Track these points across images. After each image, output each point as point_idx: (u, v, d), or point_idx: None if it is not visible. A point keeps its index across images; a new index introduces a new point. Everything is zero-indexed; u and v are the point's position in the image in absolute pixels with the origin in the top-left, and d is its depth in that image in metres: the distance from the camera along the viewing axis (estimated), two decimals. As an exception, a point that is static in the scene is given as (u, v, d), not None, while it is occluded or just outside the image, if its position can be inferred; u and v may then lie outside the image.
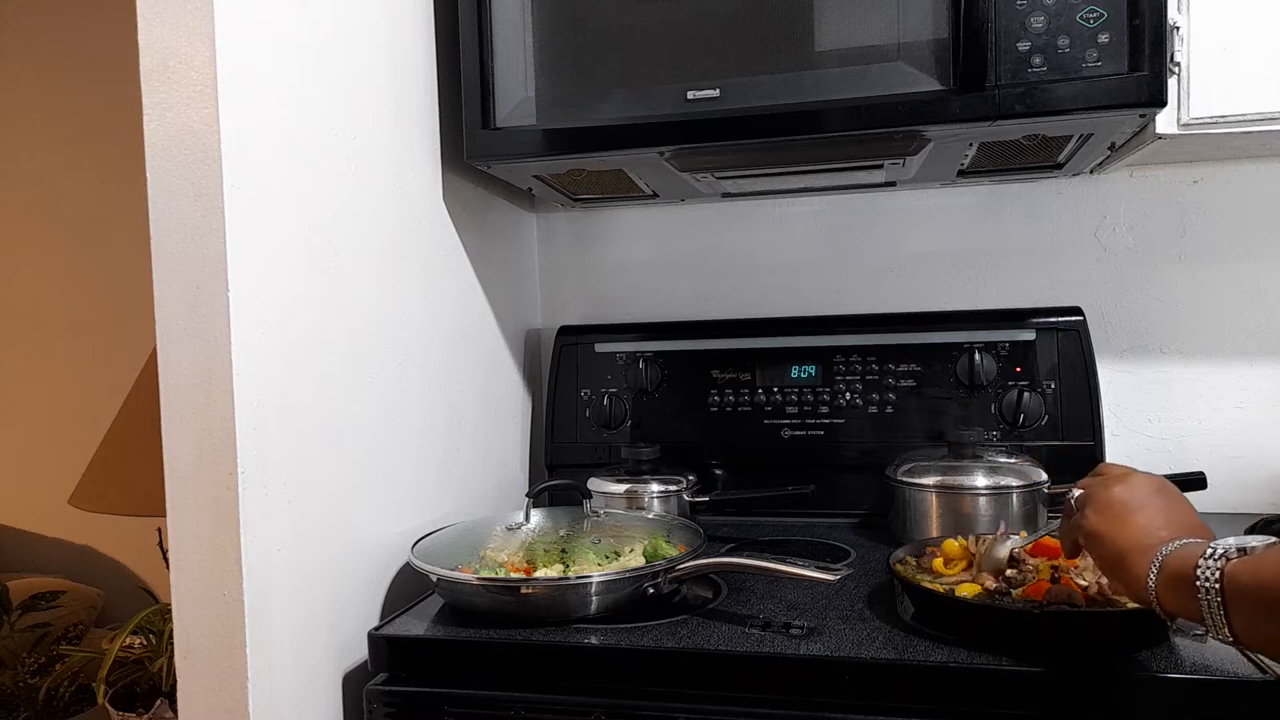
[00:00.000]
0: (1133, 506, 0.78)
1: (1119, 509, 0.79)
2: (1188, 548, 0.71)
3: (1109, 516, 0.79)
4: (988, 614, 0.89)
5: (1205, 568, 0.67)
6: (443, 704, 0.95)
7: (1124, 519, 0.78)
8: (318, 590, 0.99)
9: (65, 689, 1.61)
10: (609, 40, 1.14)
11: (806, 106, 1.09)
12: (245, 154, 0.89)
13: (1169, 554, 0.72)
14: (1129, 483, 0.81)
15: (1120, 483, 0.81)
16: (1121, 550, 0.77)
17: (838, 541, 1.30)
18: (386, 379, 1.13)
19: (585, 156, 1.21)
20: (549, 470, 1.53)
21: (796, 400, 1.45)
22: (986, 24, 1.03)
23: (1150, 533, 0.76)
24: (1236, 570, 0.65)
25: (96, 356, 2.12)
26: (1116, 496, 0.80)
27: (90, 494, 1.54)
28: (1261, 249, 1.40)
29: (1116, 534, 0.78)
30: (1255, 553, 0.66)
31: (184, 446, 0.88)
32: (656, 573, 1.00)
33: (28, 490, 2.18)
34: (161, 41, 0.86)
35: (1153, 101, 1.02)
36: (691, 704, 0.90)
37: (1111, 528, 0.78)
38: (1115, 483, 0.82)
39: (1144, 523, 0.77)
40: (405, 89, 1.19)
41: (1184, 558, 0.70)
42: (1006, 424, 1.36)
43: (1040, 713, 0.82)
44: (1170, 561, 0.72)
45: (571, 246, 1.67)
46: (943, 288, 1.51)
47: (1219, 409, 1.42)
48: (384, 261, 1.14)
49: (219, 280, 0.87)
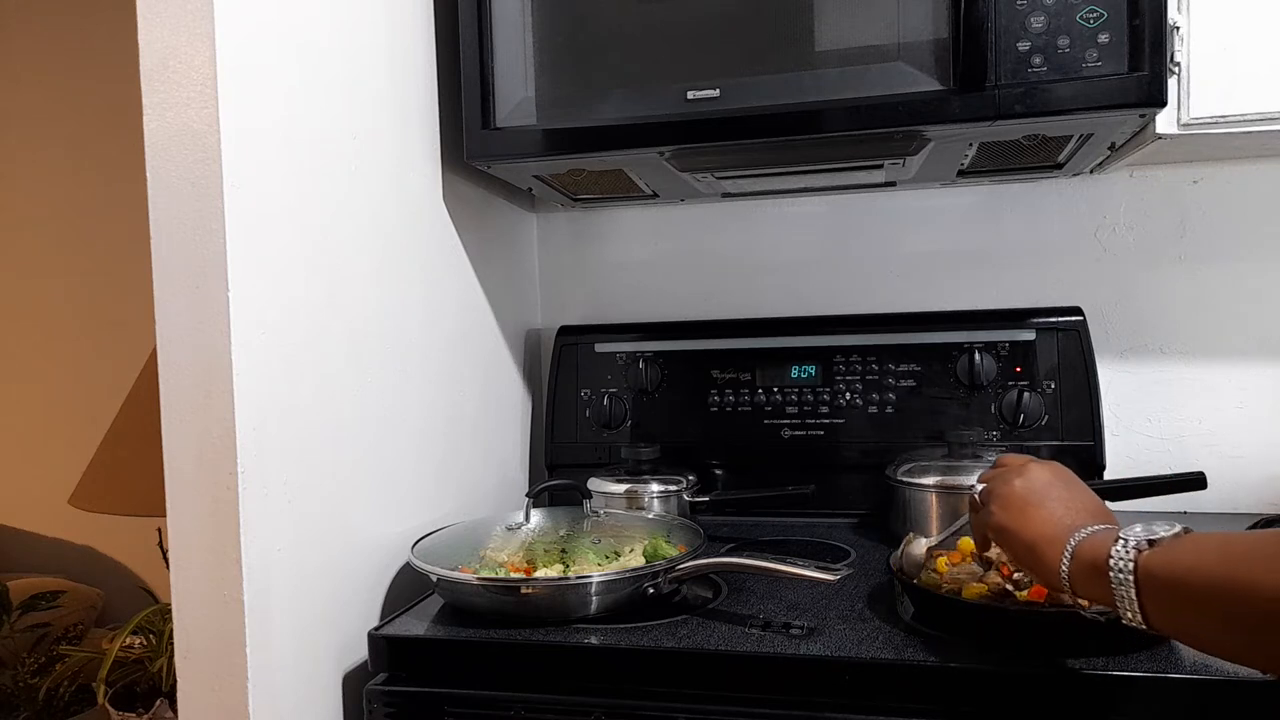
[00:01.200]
0: (1035, 499, 0.80)
1: (1021, 502, 0.81)
2: (1097, 535, 0.73)
3: (1013, 511, 0.81)
4: (987, 614, 0.89)
5: (1118, 557, 0.69)
6: (443, 704, 0.95)
7: (1027, 511, 0.80)
8: (318, 590, 0.99)
9: (65, 689, 1.61)
10: (609, 40, 1.14)
11: (806, 106, 1.09)
12: (245, 154, 0.89)
13: (1079, 543, 0.74)
14: (1027, 474, 0.83)
15: (1019, 475, 0.83)
16: (1030, 542, 0.78)
17: (838, 541, 1.30)
18: (386, 379, 1.13)
19: (585, 156, 1.21)
20: (549, 470, 1.53)
21: (796, 400, 1.45)
22: (986, 24, 1.03)
23: (1056, 523, 0.78)
24: (1150, 562, 0.68)
25: (96, 356, 2.12)
26: (1018, 490, 0.82)
27: (90, 494, 1.54)
28: (1261, 249, 1.40)
29: (1022, 527, 0.79)
30: (1163, 542, 0.68)
31: (184, 446, 0.88)
32: (656, 573, 1.00)
33: (28, 490, 2.18)
34: (161, 41, 0.86)
35: (1153, 101, 1.02)
36: (691, 704, 0.89)
37: (1017, 521, 0.80)
38: (1014, 475, 0.83)
39: (1047, 514, 0.79)
40: (405, 89, 1.19)
41: (1095, 546, 0.72)
42: (1006, 424, 1.36)
43: (1040, 713, 0.82)
44: (1082, 550, 0.74)
45: (571, 246, 1.67)
46: (943, 288, 1.51)
47: (1219, 409, 1.42)
48: (384, 261, 1.14)
49: (219, 280, 0.87)
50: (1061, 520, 0.78)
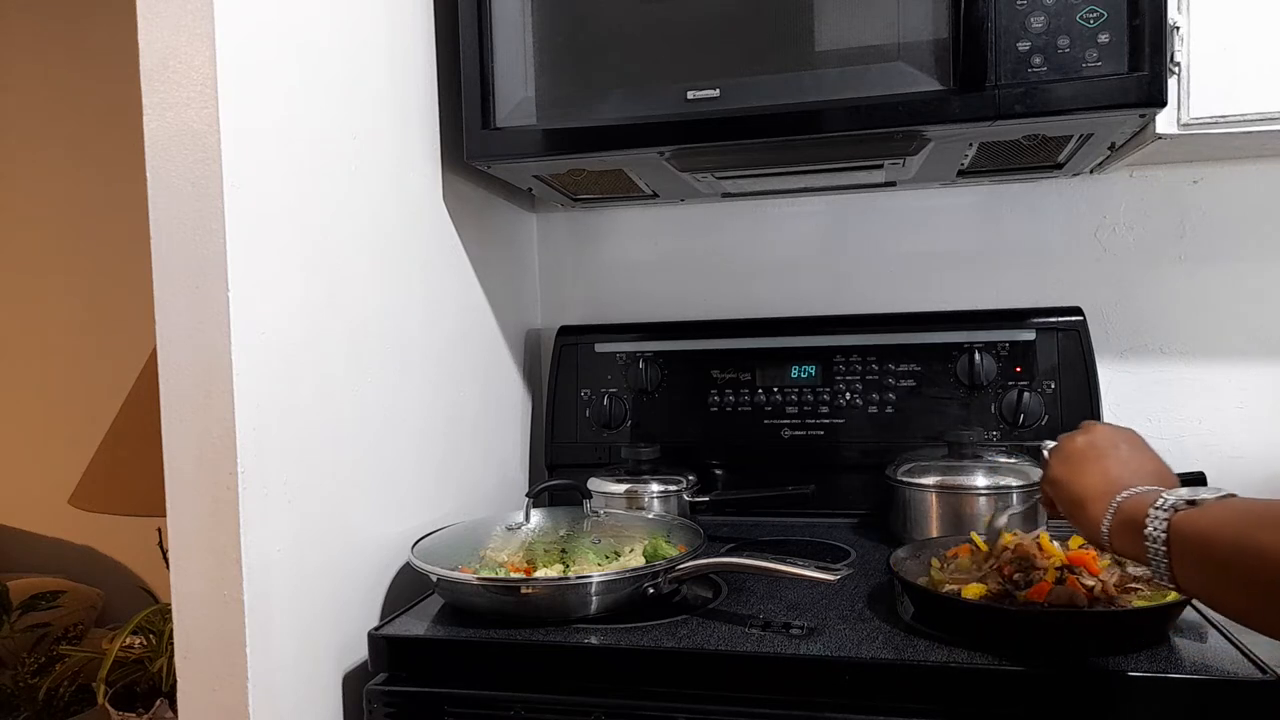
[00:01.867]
0: (1093, 454, 0.82)
1: (1079, 456, 0.83)
2: (1142, 495, 0.74)
3: (1069, 464, 0.83)
4: (987, 614, 0.89)
5: (1154, 517, 0.70)
6: (443, 704, 0.95)
7: (1083, 466, 0.82)
8: (318, 590, 0.99)
9: (65, 689, 1.61)
10: (609, 40, 1.14)
11: (806, 106, 1.09)
12: (245, 154, 0.89)
13: (1124, 500, 0.75)
14: (1093, 432, 0.85)
15: (1085, 433, 0.85)
16: (1079, 495, 0.80)
17: (838, 541, 1.30)
18: (386, 379, 1.13)
19: (585, 156, 1.21)
20: (549, 470, 1.53)
21: (796, 400, 1.45)
22: (986, 24, 1.03)
23: (1110, 479, 0.79)
24: (1181, 522, 0.68)
25: (96, 356, 2.11)
26: (1079, 445, 0.84)
27: (90, 494, 1.54)
28: (1261, 249, 1.40)
29: (1074, 480, 0.82)
30: (1204, 504, 0.69)
31: (184, 446, 0.88)
32: (656, 573, 1.00)
33: (28, 490, 2.18)
34: (161, 41, 0.86)
35: (1152, 101, 1.02)
36: (691, 704, 0.89)
37: (1070, 474, 0.82)
38: (1081, 433, 0.86)
39: (1101, 470, 0.80)
40: (405, 89, 1.19)
41: (1136, 505, 0.73)
42: (1006, 424, 1.36)
43: (1040, 713, 0.82)
44: (1124, 507, 0.75)
45: (571, 246, 1.67)
46: (943, 288, 1.51)
47: (1219, 409, 1.42)
48: (384, 261, 1.14)
49: (219, 280, 0.87)
50: (1117, 478, 0.79)
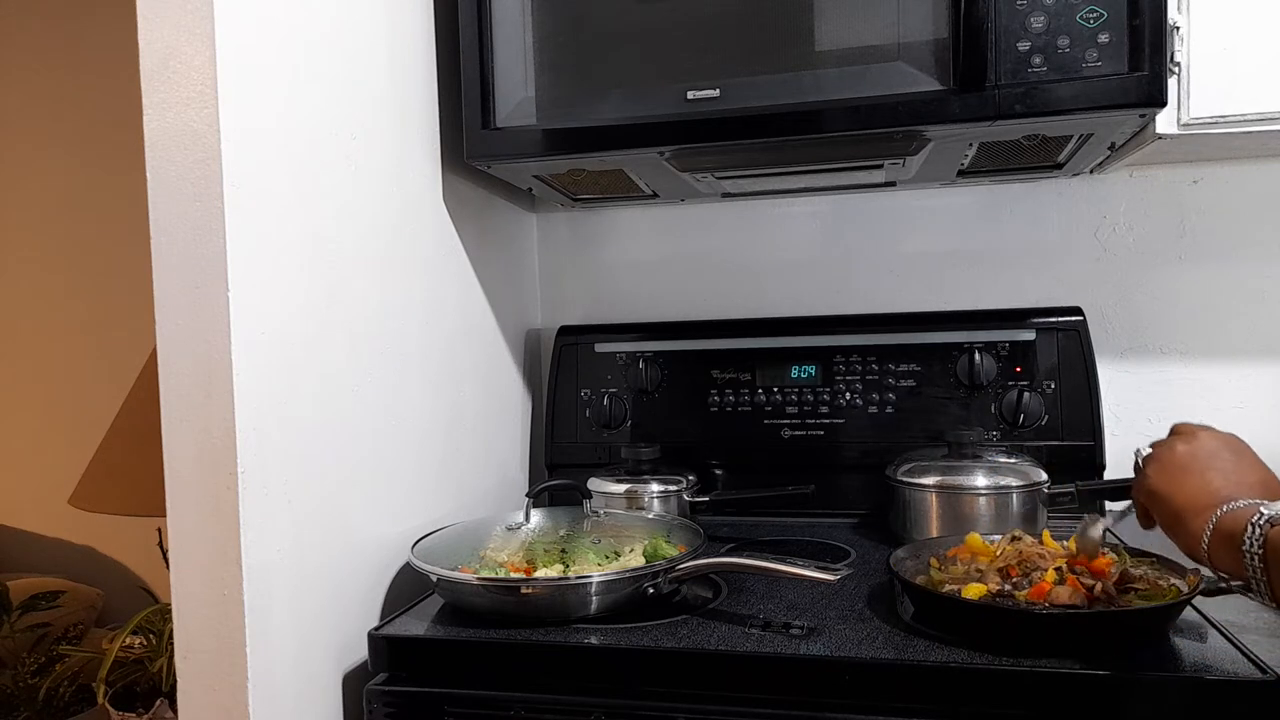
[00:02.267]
0: (1195, 466, 0.78)
1: (1179, 468, 0.79)
2: (1243, 509, 0.71)
3: (1168, 476, 0.79)
4: (987, 614, 0.89)
5: (1252, 529, 0.68)
6: (443, 704, 0.95)
7: (1182, 478, 0.78)
8: (318, 590, 0.99)
9: (65, 689, 1.61)
10: (609, 40, 1.14)
11: (806, 106, 1.09)
12: (245, 154, 0.89)
13: (1224, 514, 0.72)
14: (1194, 441, 0.80)
15: (1185, 441, 0.81)
16: (1179, 509, 0.77)
17: (838, 541, 1.30)
18: (386, 379, 1.13)
19: (585, 156, 1.21)
20: (549, 470, 1.53)
21: (796, 400, 1.45)
22: (986, 24, 1.03)
23: (1211, 492, 0.75)
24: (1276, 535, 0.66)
25: (96, 356, 2.12)
26: (1179, 455, 0.80)
27: (90, 494, 1.54)
28: (1261, 249, 1.40)
29: (1174, 493, 0.78)
30: None
31: (184, 446, 0.88)
32: (656, 573, 1.00)
33: (28, 490, 2.18)
34: (161, 41, 0.86)
35: (1152, 101, 1.02)
36: (691, 704, 0.90)
37: (1170, 486, 0.78)
38: (1180, 441, 0.81)
39: (1203, 483, 0.76)
40: (405, 89, 1.19)
41: (1236, 518, 0.71)
42: (1006, 424, 1.36)
43: (1040, 713, 0.82)
44: (1224, 522, 0.72)
45: (571, 246, 1.67)
46: (943, 288, 1.51)
47: (1219, 409, 1.42)
48: (384, 261, 1.14)
49: (219, 280, 0.87)
50: (1218, 491, 0.75)
